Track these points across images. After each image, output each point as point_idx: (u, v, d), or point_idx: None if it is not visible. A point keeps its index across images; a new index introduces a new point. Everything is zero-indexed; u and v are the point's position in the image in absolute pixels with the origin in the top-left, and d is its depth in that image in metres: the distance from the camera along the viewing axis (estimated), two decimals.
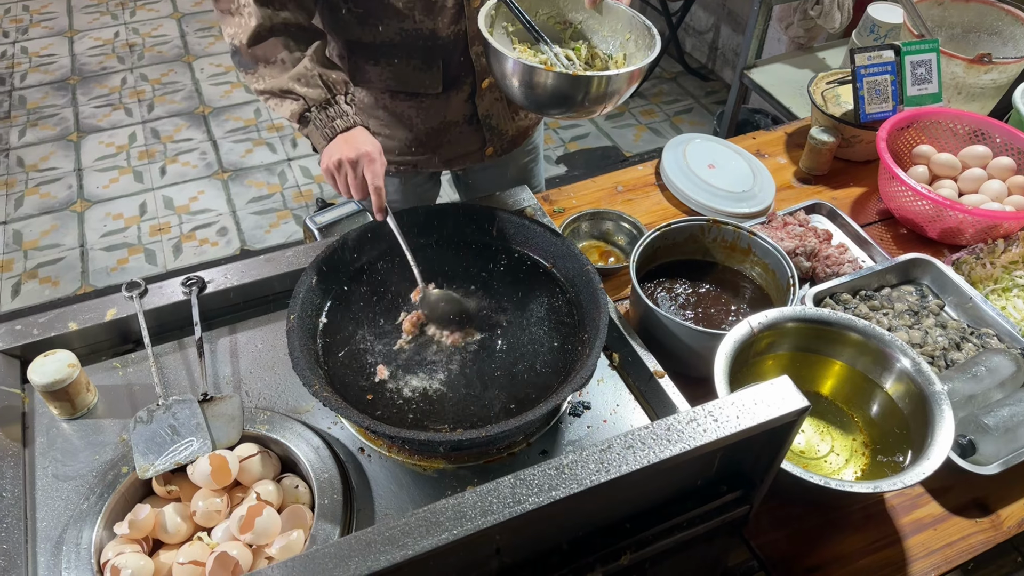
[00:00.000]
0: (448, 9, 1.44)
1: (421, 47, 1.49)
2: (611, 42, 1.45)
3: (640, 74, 1.31)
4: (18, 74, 4.29)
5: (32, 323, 1.31)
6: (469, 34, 1.49)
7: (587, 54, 1.44)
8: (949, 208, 1.57)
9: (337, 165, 1.28)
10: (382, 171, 1.29)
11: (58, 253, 3.18)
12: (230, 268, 1.41)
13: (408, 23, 1.45)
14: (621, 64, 1.43)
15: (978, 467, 1.20)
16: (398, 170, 1.74)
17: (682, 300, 1.45)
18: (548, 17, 1.46)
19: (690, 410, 0.87)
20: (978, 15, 2.18)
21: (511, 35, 1.44)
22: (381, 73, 1.55)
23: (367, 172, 1.27)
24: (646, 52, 1.37)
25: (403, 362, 1.25)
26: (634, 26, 1.40)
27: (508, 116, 1.71)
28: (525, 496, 0.79)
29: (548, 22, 1.46)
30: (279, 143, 3.79)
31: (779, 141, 2.00)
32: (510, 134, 1.76)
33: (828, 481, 1.06)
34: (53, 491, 1.14)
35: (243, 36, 1.30)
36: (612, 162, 3.72)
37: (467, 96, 1.61)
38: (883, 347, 1.23)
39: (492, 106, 1.66)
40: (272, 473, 1.14)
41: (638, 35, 1.40)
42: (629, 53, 1.43)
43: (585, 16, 1.45)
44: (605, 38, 1.46)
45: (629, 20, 1.41)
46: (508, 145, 1.78)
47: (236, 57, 1.35)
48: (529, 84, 1.30)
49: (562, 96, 1.31)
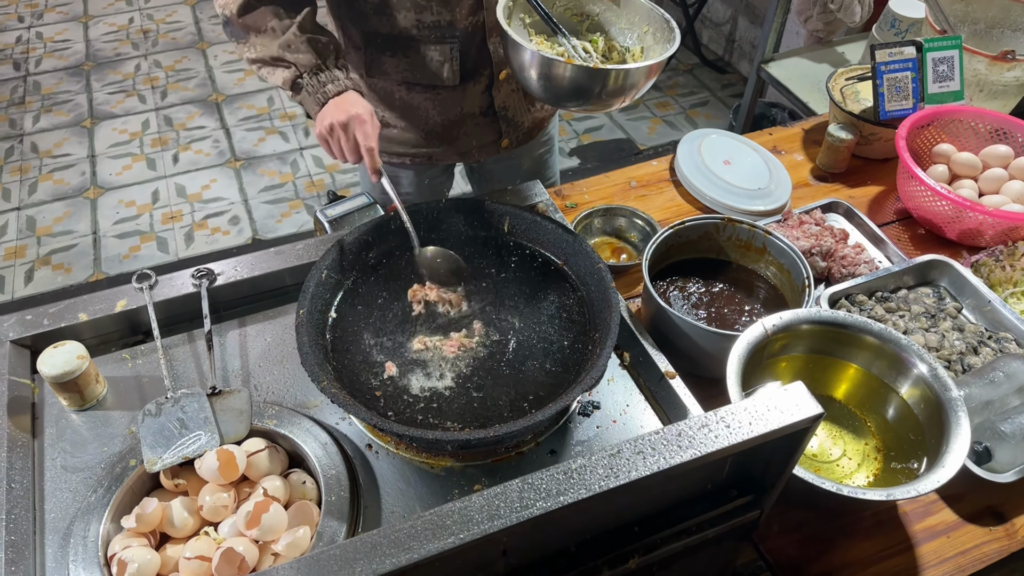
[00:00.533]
0: (466, 1, 1.42)
1: (438, 39, 1.48)
2: (628, 35, 1.43)
3: (659, 68, 1.29)
4: (33, 59, 4.30)
5: (42, 313, 1.31)
6: (487, 25, 1.48)
7: (604, 46, 1.43)
8: (969, 209, 1.54)
9: (329, 129, 1.29)
10: (374, 132, 1.29)
11: (71, 240, 3.19)
12: (240, 260, 1.41)
13: (426, 14, 1.44)
14: (638, 57, 1.41)
15: (993, 475, 1.18)
16: (413, 162, 1.73)
17: (695, 299, 1.43)
18: (566, 9, 1.44)
19: (702, 415, 0.85)
20: (1003, 11, 2.14)
21: (528, 26, 1.42)
22: (398, 65, 1.54)
23: (358, 134, 1.28)
24: (664, 45, 1.35)
25: (412, 358, 1.24)
26: (652, 19, 1.38)
27: (524, 108, 1.70)
28: (533, 500, 0.78)
29: (565, 14, 1.44)
30: (291, 132, 3.78)
31: (796, 137, 1.98)
32: (526, 126, 1.74)
33: (840, 487, 1.05)
34: (61, 482, 1.14)
35: (233, 6, 1.32)
36: (626, 155, 3.69)
37: (484, 88, 1.60)
38: (899, 351, 1.21)
39: (509, 98, 1.65)
40: (280, 468, 1.14)
41: (656, 28, 1.38)
42: (647, 46, 1.41)
43: (603, 8, 1.43)
44: (622, 30, 1.44)
45: (647, 13, 1.39)
46: (524, 137, 1.77)
47: (228, 27, 1.37)
48: (547, 76, 1.29)
49: (580, 89, 1.29)
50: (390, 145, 1.69)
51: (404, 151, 1.70)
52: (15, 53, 4.36)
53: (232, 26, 1.36)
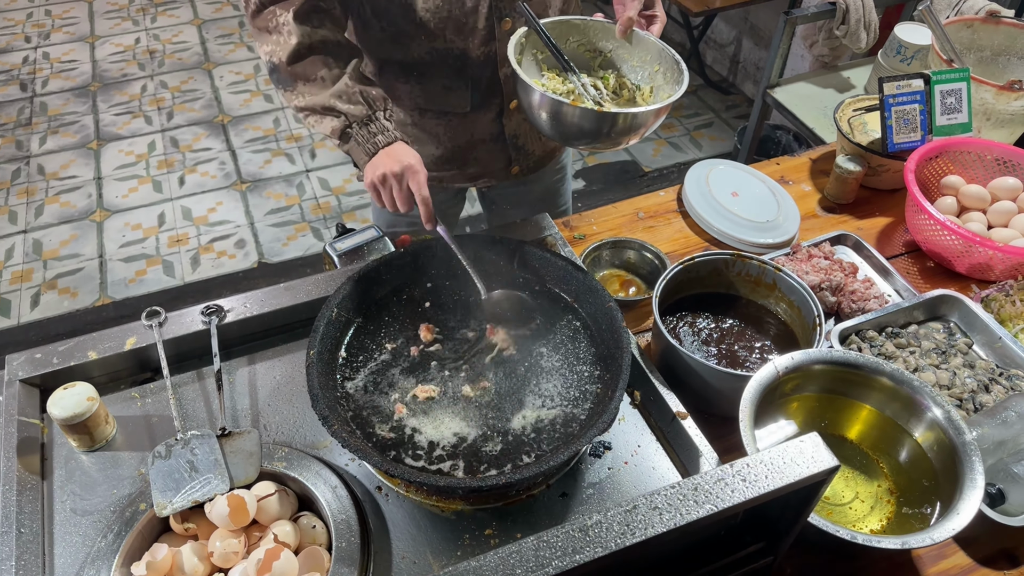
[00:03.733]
0: (479, 30, 1.44)
1: (451, 67, 1.50)
2: (639, 72, 1.44)
3: (666, 110, 1.30)
4: (40, 80, 4.33)
5: (52, 351, 1.31)
6: (499, 55, 1.50)
7: (615, 83, 1.43)
8: (979, 244, 1.54)
9: (382, 179, 1.30)
10: (425, 181, 1.30)
11: (77, 263, 3.20)
12: (250, 296, 1.41)
13: (439, 43, 1.46)
14: (647, 96, 1.42)
15: (1007, 518, 1.17)
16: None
17: (705, 335, 1.43)
18: (578, 45, 1.45)
19: (718, 469, 0.85)
20: (1008, 38, 2.14)
21: (540, 62, 1.44)
22: (411, 91, 1.57)
23: (412, 184, 1.29)
24: (674, 86, 1.35)
25: (422, 399, 1.24)
26: (663, 58, 1.39)
27: (535, 137, 1.72)
28: (548, 559, 0.77)
29: (578, 49, 1.45)
30: (298, 154, 3.80)
31: (803, 167, 1.98)
32: (536, 154, 1.76)
33: (856, 535, 1.04)
34: (71, 526, 1.13)
35: (282, 54, 1.32)
36: (631, 177, 3.69)
37: (495, 115, 1.62)
38: (913, 394, 1.20)
39: (519, 126, 1.67)
40: (289, 512, 1.13)
41: (667, 68, 1.39)
42: (656, 85, 1.42)
43: (615, 45, 1.44)
44: (634, 68, 1.45)
45: (659, 52, 1.40)
46: (534, 165, 1.79)
47: (275, 75, 1.37)
48: (555, 117, 1.30)
49: (588, 130, 1.30)
50: None
51: None
52: (22, 74, 4.38)
53: (279, 73, 1.35)
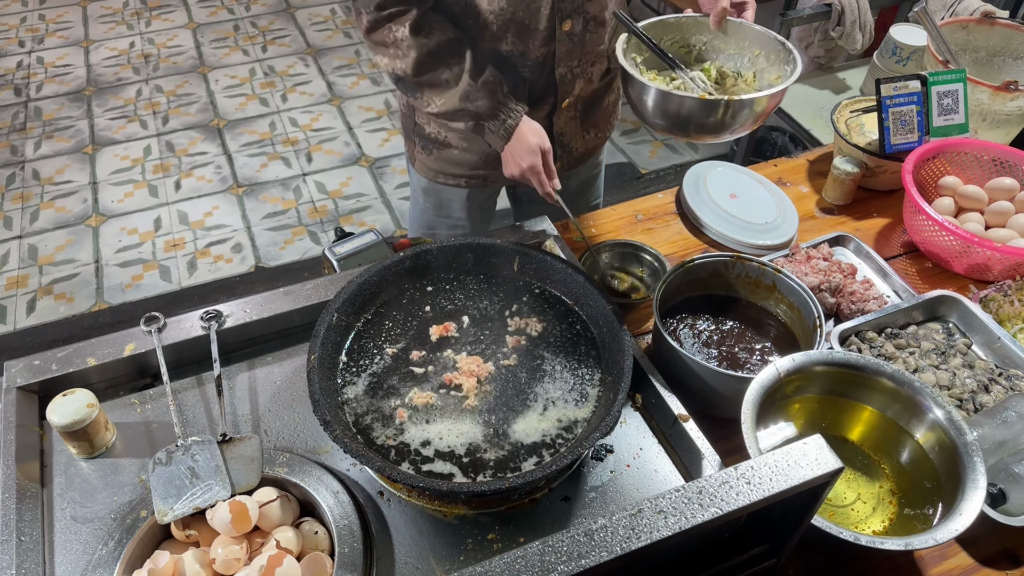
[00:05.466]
0: (540, 32, 1.47)
1: (510, 67, 1.53)
2: (738, 59, 1.49)
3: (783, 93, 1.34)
4: (34, 84, 4.31)
5: (50, 358, 1.30)
6: (557, 55, 1.53)
7: (716, 74, 1.47)
8: (977, 245, 1.54)
9: (532, 170, 1.46)
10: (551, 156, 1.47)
11: (73, 268, 3.18)
12: (249, 301, 1.40)
13: (502, 44, 1.49)
14: (752, 81, 1.46)
15: (1008, 518, 1.17)
16: (468, 184, 1.79)
17: (705, 337, 1.43)
18: (672, 42, 1.50)
19: (722, 472, 0.85)
20: (1004, 39, 2.15)
21: (639, 65, 1.48)
22: None
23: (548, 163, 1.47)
24: (782, 66, 1.40)
25: (423, 404, 1.24)
26: (764, 42, 1.44)
27: (580, 135, 1.77)
28: (554, 564, 0.77)
29: (673, 47, 1.51)
30: (294, 158, 3.79)
31: (801, 169, 1.98)
32: (578, 151, 1.81)
33: (859, 537, 1.04)
34: (71, 534, 1.13)
35: (406, 67, 1.41)
36: (628, 179, 3.70)
37: (546, 114, 1.65)
38: (914, 395, 1.20)
39: (567, 124, 1.71)
40: (291, 518, 1.13)
41: (769, 50, 1.44)
42: (759, 69, 1.45)
43: (709, 37, 1.49)
44: (731, 56, 1.49)
45: (757, 36, 1.44)
46: (575, 162, 1.84)
47: (400, 84, 1.49)
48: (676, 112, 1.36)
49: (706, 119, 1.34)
50: (447, 167, 1.76)
51: (461, 172, 1.76)
52: (16, 78, 4.36)
53: (405, 83, 1.47)
